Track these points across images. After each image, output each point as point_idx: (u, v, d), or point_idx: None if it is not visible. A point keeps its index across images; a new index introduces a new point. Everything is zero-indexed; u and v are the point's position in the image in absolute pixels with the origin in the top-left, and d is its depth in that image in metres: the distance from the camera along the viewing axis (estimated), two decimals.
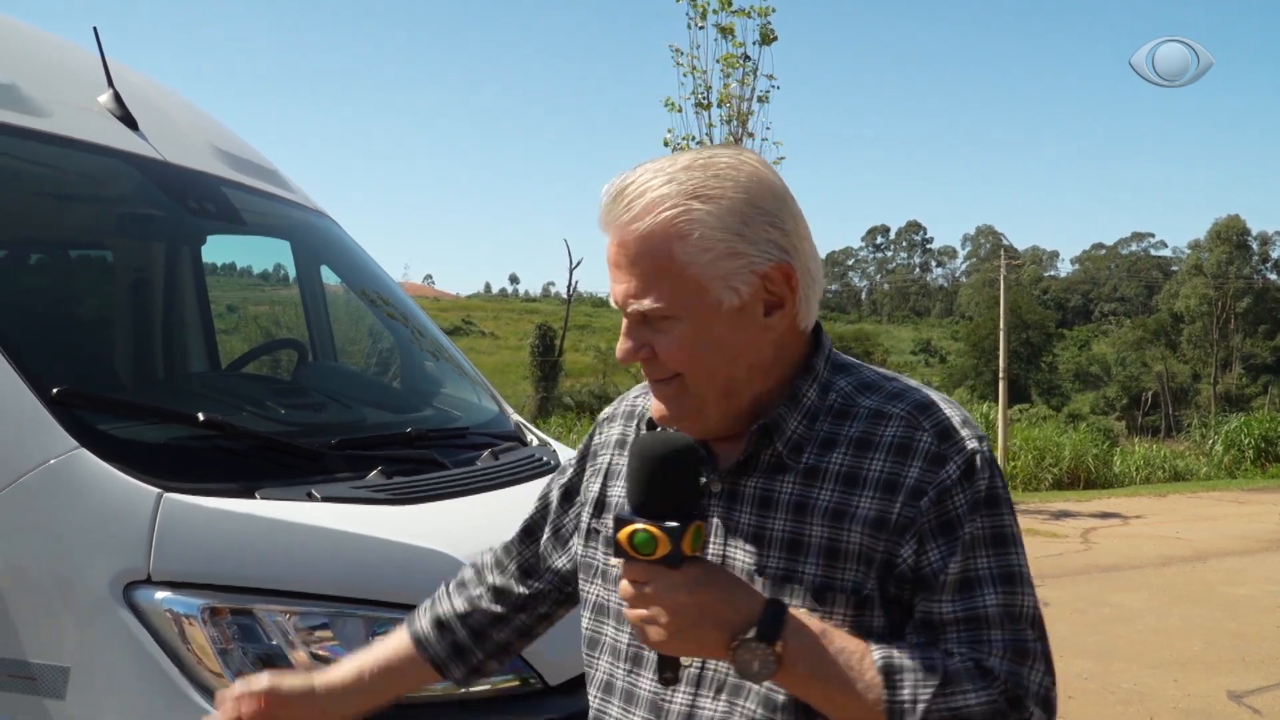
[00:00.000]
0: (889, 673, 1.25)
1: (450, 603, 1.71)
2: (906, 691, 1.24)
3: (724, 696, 1.37)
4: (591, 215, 1.42)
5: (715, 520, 1.41)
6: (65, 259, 3.27)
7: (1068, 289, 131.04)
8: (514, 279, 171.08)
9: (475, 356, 4.33)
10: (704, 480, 1.41)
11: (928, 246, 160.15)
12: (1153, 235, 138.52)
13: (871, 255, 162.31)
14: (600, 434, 1.65)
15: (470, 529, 2.38)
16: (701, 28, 15.31)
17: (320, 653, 2.08)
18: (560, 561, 1.66)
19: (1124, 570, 10.69)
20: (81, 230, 3.23)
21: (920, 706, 1.23)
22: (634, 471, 1.26)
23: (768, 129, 16.59)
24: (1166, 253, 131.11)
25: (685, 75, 15.59)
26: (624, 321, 1.40)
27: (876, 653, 1.26)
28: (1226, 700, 6.28)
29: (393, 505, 2.40)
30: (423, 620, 1.70)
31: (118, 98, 3.17)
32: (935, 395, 1.43)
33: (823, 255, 1.51)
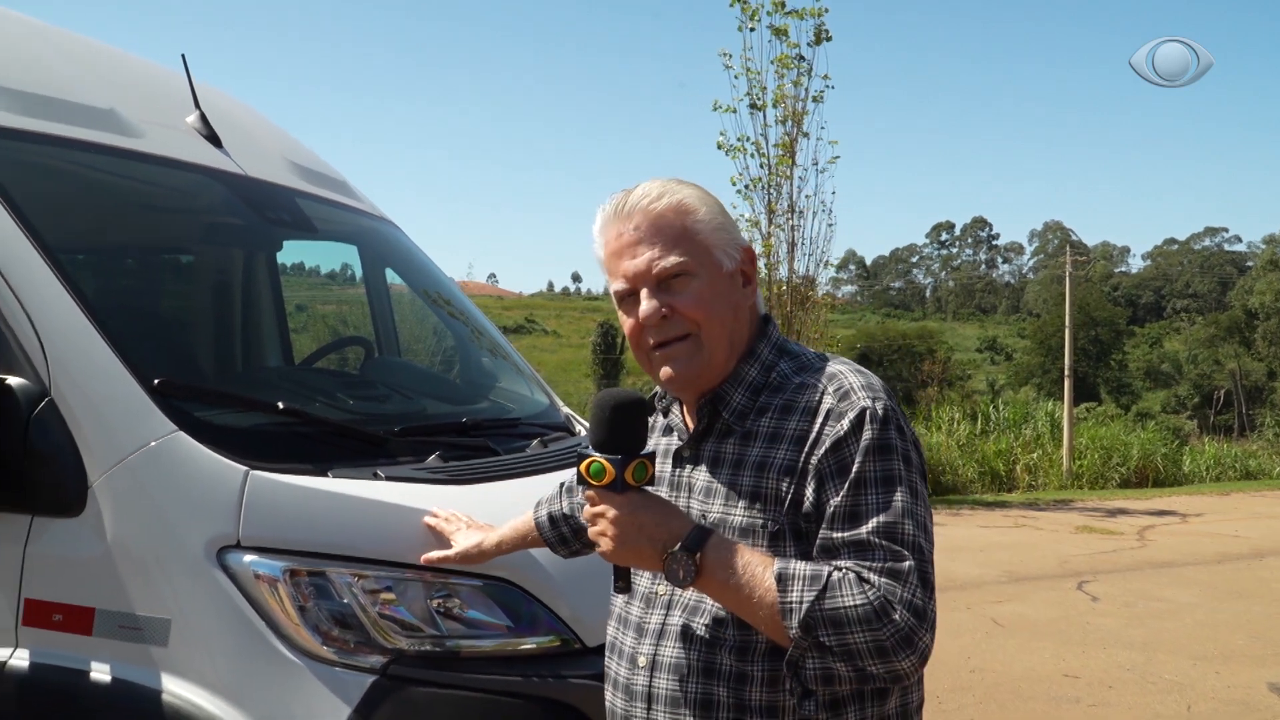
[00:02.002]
0: (781, 579, 1.55)
1: (560, 503, 2.31)
2: (794, 595, 1.54)
3: (686, 611, 1.71)
4: None
5: (689, 468, 1.79)
6: (159, 264, 3.60)
7: (1139, 285, 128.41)
8: (576, 278, 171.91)
9: (538, 355, 4.61)
10: (678, 436, 1.84)
11: (994, 243, 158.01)
12: (1226, 230, 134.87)
13: (936, 252, 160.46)
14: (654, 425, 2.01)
15: (518, 507, 2.64)
16: (754, 29, 15.52)
17: (386, 613, 2.36)
18: None
19: (1178, 566, 10.69)
20: (174, 238, 3.56)
21: (804, 605, 1.53)
22: (593, 416, 1.62)
23: (823, 128, 16.73)
24: (1241, 247, 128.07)
25: (737, 77, 15.80)
26: (642, 296, 1.73)
27: (776, 565, 1.57)
28: (1267, 692, 6.36)
29: (449, 485, 2.67)
30: (541, 512, 2.34)
31: (203, 118, 3.50)
32: (847, 367, 1.75)
33: (886, 252, 1.96)
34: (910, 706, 1.76)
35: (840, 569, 1.56)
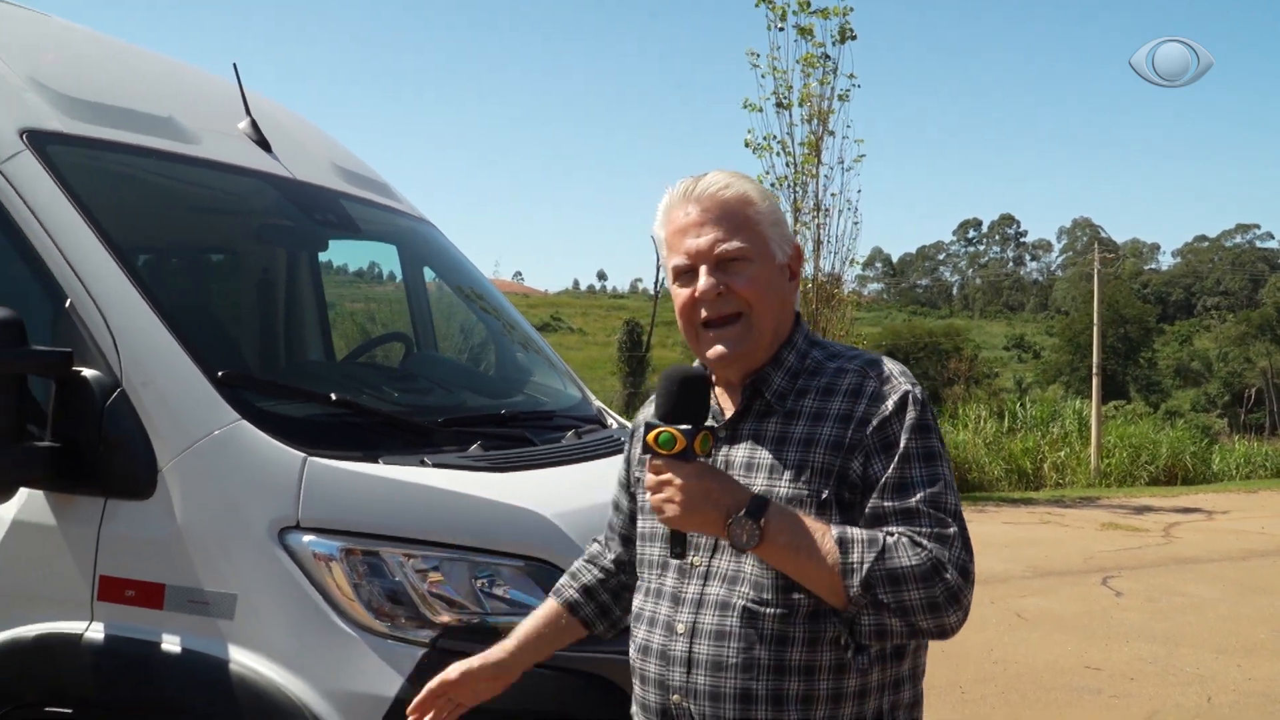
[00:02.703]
0: (842, 542, 1.70)
1: (591, 574, 2.22)
2: (855, 555, 1.69)
3: (723, 582, 1.83)
4: None
5: (726, 448, 1.89)
6: (217, 263, 3.79)
7: (1169, 283, 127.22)
8: (602, 275, 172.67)
9: (563, 352, 4.75)
10: (711, 418, 1.88)
11: (1021, 240, 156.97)
12: (1258, 226, 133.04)
13: (963, 249, 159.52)
14: (637, 440, 2.13)
15: (554, 494, 2.80)
16: (781, 29, 15.63)
17: (434, 590, 2.52)
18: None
19: (1202, 563, 10.73)
20: (230, 239, 3.75)
21: (866, 566, 1.68)
22: (661, 390, 1.76)
23: (848, 127, 16.84)
24: (1273, 244, 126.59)
25: (764, 76, 15.91)
26: (701, 273, 1.86)
27: (834, 529, 1.72)
28: None
29: (491, 472, 2.83)
30: (570, 590, 2.20)
31: (254, 124, 3.68)
32: (882, 356, 1.92)
33: (912, 250, 2.12)
34: (919, 668, 1.92)
35: (892, 534, 1.72)
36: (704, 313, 1.87)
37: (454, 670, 2.07)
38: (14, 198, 2.72)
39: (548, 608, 2.19)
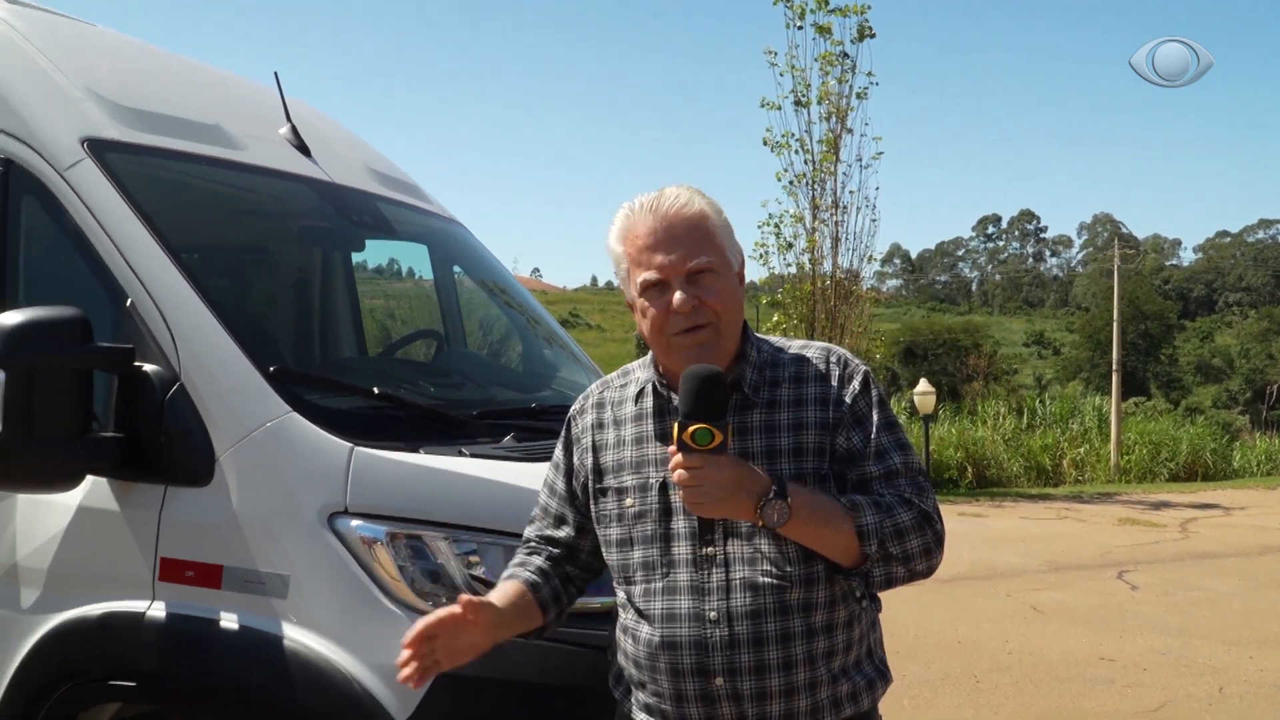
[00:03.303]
0: (853, 508, 1.92)
1: (538, 562, 2.23)
2: (867, 519, 1.91)
3: (745, 564, 1.98)
4: None
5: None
6: (263, 263, 3.96)
7: (1190, 278, 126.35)
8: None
9: (582, 348, 4.94)
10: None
11: (1041, 236, 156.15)
12: None
13: (982, 245, 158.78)
14: (576, 425, 2.26)
15: None
16: (800, 27, 15.75)
17: (474, 574, 2.68)
18: (578, 522, 2.24)
19: (1218, 558, 10.81)
20: (273, 240, 3.91)
21: (876, 526, 1.91)
22: (687, 390, 1.84)
23: (866, 124, 16.97)
24: None
25: (782, 74, 16.04)
26: (675, 287, 1.98)
27: (842, 499, 1.93)
28: None
29: (524, 462, 2.97)
30: (525, 573, 2.19)
31: (294, 130, 3.84)
32: (823, 342, 2.16)
33: (931, 246, 2.36)
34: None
35: (883, 495, 1.96)
36: (678, 326, 2.00)
37: (440, 612, 1.98)
38: (77, 203, 2.89)
39: (512, 586, 2.15)
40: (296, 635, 2.59)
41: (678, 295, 1.98)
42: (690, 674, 1.99)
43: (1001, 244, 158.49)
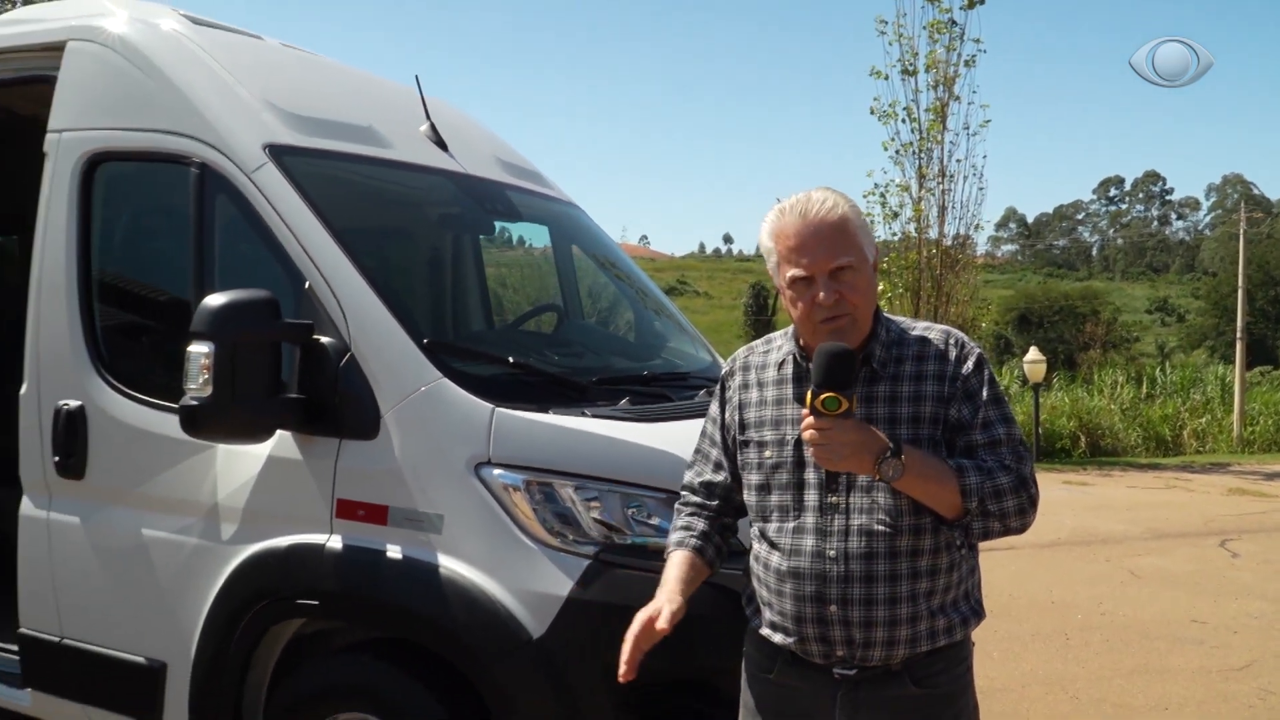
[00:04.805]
0: (959, 470, 2.27)
1: (703, 523, 2.62)
2: (970, 479, 2.26)
3: (863, 513, 2.35)
4: (802, 174, 2.61)
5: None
6: (412, 247, 4.50)
7: None
8: (728, 239, 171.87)
9: (689, 316, 5.32)
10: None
11: (1167, 198, 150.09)
12: None
13: (1104, 208, 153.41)
14: (729, 384, 2.63)
15: (689, 441, 3.36)
16: None
17: (595, 517, 3.13)
18: (732, 469, 2.63)
19: None
20: (418, 227, 4.45)
21: (979, 486, 2.25)
22: (820, 364, 2.20)
23: (974, 92, 16.87)
24: None
25: (890, 43, 16.08)
26: (820, 283, 2.32)
27: (950, 462, 2.28)
28: None
29: (638, 423, 3.41)
30: (693, 539, 2.58)
31: (433, 127, 4.34)
32: (943, 324, 2.48)
33: (1049, 209, 2.76)
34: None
35: (986, 460, 2.29)
36: (822, 314, 2.35)
37: (646, 615, 2.35)
38: (263, 202, 3.42)
39: (683, 558, 2.54)
40: (450, 564, 3.09)
41: (823, 293, 2.33)
42: (809, 599, 2.37)
43: (1124, 207, 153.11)
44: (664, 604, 2.37)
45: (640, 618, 2.36)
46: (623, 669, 2.32)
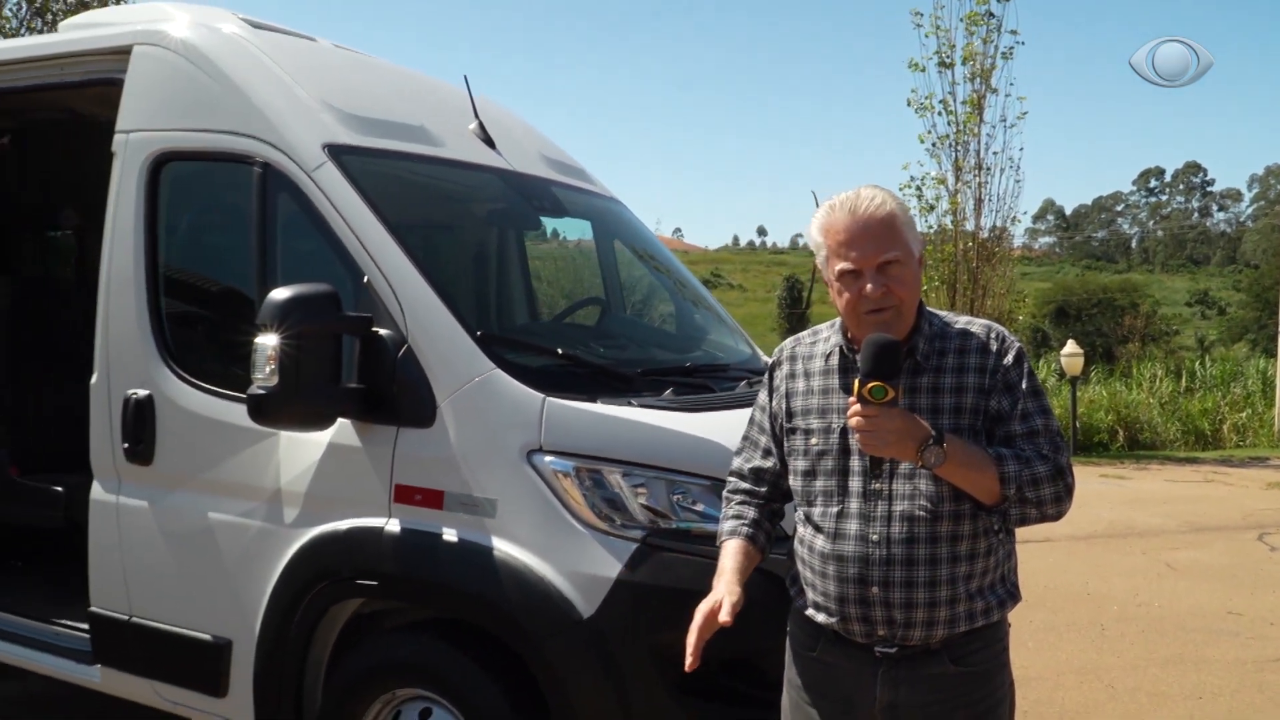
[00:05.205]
0: (998, 458, 2.35)
1: (754, 510, 2.70)
2: (1009, 468, 2.34)
3: (905, 499, 2.44)
4: (837, 165, 2.75)
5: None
6: (464, 243, 4.65)
7: None
8: (761, 231, 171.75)
9: (726, 309, 5.49)
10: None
11: (1208, 189, 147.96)
12: None
13: (1144, 200, 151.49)
14: (777, 373, 2.72)
15: (731, 430, 3.45)
16: None
17: (642, 502, 3.25)
18: (780, 455, 2.72)
19: None
20: (469, 223, 4.59)
21: (1017, 473, 2.34)
22: (868, 354, 2.30)
23: (1011, 84, 16.80)
24: None
25: (927, 35, 16.07)
26: (868, 277, 2.41)
27: (990, 450, 2.37)
28: None
29: (682, 412, 3.53)
30: (745, 527, 2.66)
31: (481, 125, 4.47)
32: (984, 319, 2.55)
33: (1088, 201, 2.85)
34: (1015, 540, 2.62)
35: (1024, 450, 2.37)
36: (869, 306, 2.44)
37: (708, 606, 2.45)
38: (323, 200, 3.56)
39: (738, 546, 2.62)
40: (503, 547, 3.23)
41: (870, 286, 2.42)
42: (852, 581, 2.46)
43: (1164, 198, 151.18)
44: (724, 595, 2.47)
45: (702, 609, 2.46)
46: (688, 659, 2.43)
